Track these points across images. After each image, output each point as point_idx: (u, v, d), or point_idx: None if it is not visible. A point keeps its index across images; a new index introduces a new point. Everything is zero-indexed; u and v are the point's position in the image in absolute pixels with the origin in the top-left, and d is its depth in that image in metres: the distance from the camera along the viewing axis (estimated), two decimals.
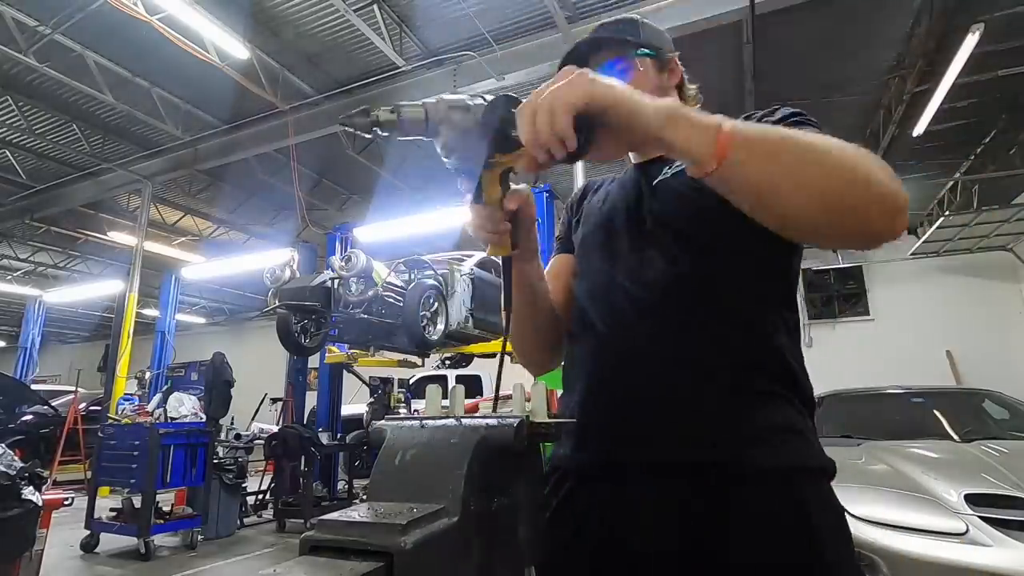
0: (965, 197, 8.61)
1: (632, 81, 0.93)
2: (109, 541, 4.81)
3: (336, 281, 5.16)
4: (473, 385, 10.54)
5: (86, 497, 4.91)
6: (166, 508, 4.93)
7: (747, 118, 0.83)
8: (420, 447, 0.55)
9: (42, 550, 2.99)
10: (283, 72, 6.63)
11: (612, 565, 0.76)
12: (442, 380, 10.38)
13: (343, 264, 5.10)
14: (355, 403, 7.97)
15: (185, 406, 5.62)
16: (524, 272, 0.85)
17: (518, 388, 0.65)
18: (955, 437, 3.61)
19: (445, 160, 0.66)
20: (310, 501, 5.49)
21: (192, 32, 5.56)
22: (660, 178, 0.90)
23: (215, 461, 5.21)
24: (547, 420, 0.60)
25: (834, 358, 11.31)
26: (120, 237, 10.20)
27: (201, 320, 18.18)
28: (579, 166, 5.60)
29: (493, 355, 6.67)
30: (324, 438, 6.33)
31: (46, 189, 9.59)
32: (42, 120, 7.77)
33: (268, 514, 6.13)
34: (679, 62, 1.03)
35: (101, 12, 5.51)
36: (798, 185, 0.59)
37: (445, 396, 0.67)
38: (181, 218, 11.04)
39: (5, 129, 7.90)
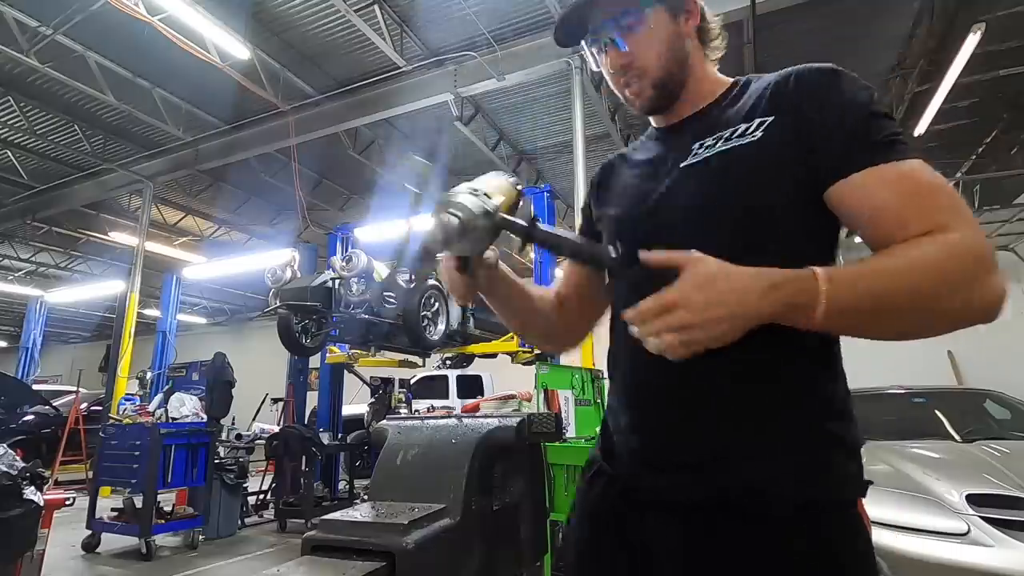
0: (966, 197, 8.57)
1: (642, 37, 0.85)
2: (110, 541, 4.81)
3: (337, 281, 5.16)
4: (474, 385, 10.54)
5: (87, 497, 4.90)
6: (167, 508, 4.92)
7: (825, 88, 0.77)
8: (421, 447, 0.55)
9: (43, 550, 3.00)
10: (284, 72, 6.64)
11: None
12: (443, 380, 10.39)
13: (344, 264, 5.10)
14: (356, 403, 7.97)
15: (186, 406, 5.61)
16: (496, 295, 0.93)
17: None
18: (956, 437, 3.60)
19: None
20: (311, 501, 5.49)
21: (193, 32, 5.56)
22: (687, 162, 0.83)
23: (216, 461, 5.20)
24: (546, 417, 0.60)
25: None
26: (121, 237, 10.21)
27: (202, 320, 18.19)
28: (579, 168, 5.60)
29: (494, 355, 6.67)
30: (325, 438, 6.32)
31: (47, 189, 9.60)
32: (43, 121, 7.78)
33: (269, 514, 6.13)
34: None
35: (102, 13, 5.52)
36: (902, 331, 0.66)
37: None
38: (182, 218, 11.05)
39: (6, 130, 7.91)
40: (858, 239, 0.70)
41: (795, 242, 0.74)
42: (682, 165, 0.82)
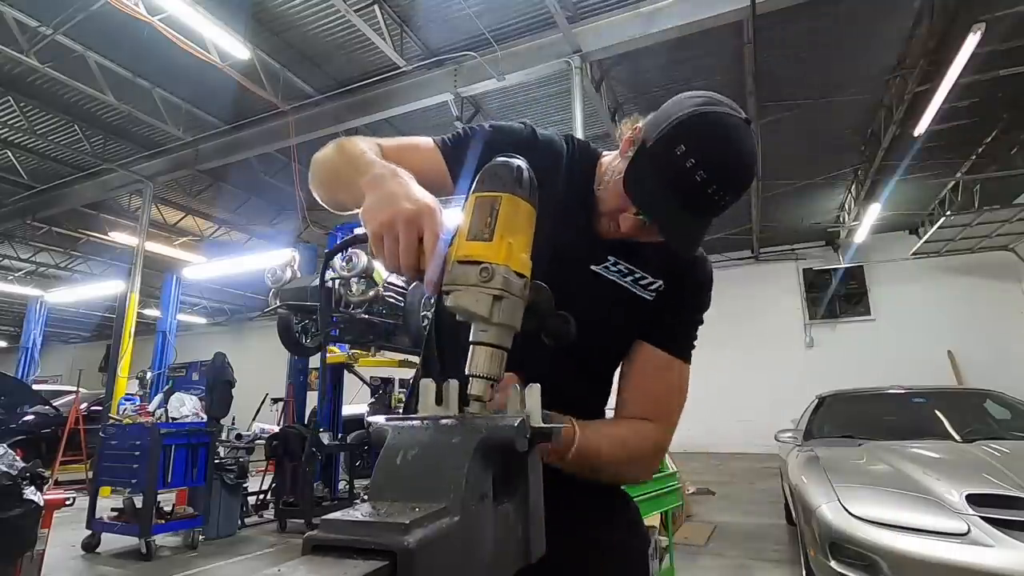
0: (966, 197, 8.60)
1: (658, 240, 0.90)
2: (110, 541, 4.81)
3: (337, 281, 5.16)
4: None
5: (87, 497, 4.91)
6: (167, 508, 4.93)
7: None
8: (421, 447, 0.55)
9: (43, 550, 3.00)
10: (284, 72, 6.64)
11: None
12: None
13: (344, 264, 5.11)
14: (356, 403, 7.97)
15: (186, 406, 5.62)
16: None
17: (514, 390, 0.65)
18: (956, 437, 3.61)
19: None
20: (311, 501, 5.49)
21: (193, 32, 5.56)
22: (597, 269, 0.93)
23: (216, 461, 5.20)
24: (543, 424, 0.60)
25: (835, 358, 11.32)
26: (121, 237, 10.21)
27: (202, 320, 18.20)
28: None
29: None
30: (325, 438, 6.32)
31: (47, 189, 9.61)
32: (43, 121, 7.78)
33: (269, 514, 6.13)
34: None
35: (102, 13, 5.52)
36: (602, 480, 0.92)
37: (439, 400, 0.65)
38: (182, 218, 11.06)
39: (7, 130, 7.91)
40: (856, 238, 0.72)
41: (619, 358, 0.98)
42: (593, 268, 0.93)
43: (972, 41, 5.10)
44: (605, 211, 0.91)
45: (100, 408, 8.05)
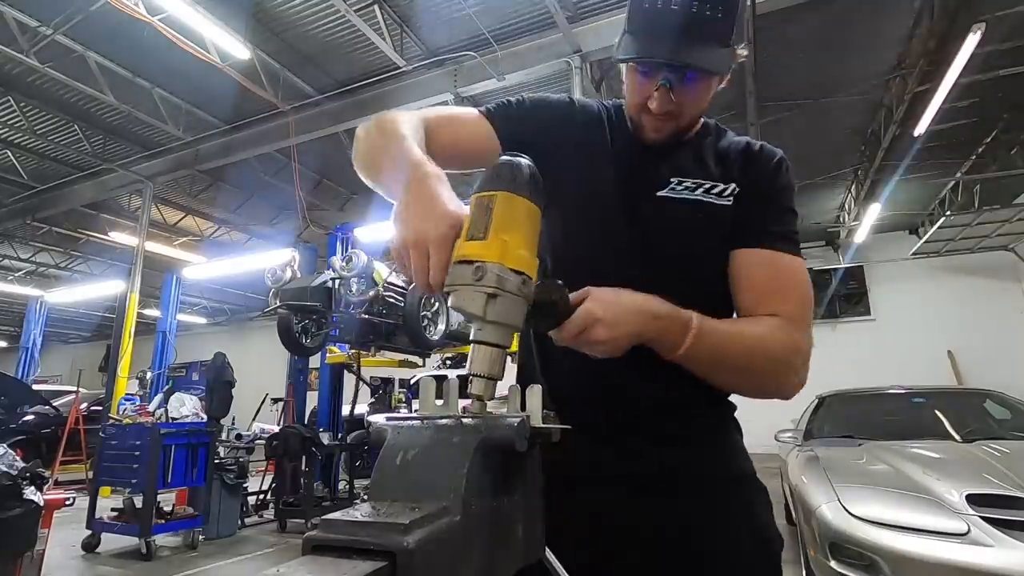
0: (966, 197, 8.60)
1: (697, 94, 0.89)
2: (110, 541, 4.81)
3: (337, 281, 5.16)
4: None
5: (87, 497, 4.91)
6: (167, 508, 4.93)
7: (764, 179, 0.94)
8: (421, 447, 0.55)
9: (43, 550, 3.00)
10: (284, 72, 6.64)
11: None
12: (443, 380, 10.38)
13: (344, 264, 5.11)
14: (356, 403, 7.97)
15: (186, 406, 5.61)
16: None
17: (514, 390, 0.64)
18: (956, 437, 3.61)
19: None
20: (311, 501, 5.49)
21: (193, 32, 5.56)
22: (664, 193, 0.91)
23: (216, 461, 5.20)
24: (544, 425, 0.60)
25: (835, 358, 11.30)
26: (121, 237, 10.21)
27: (202, 320, 18.19)
28: None
29: None
30: (325, 438, 6.32)
31: (47, 189, 9.61)
32: (43, 121, 7.78)
33: (269, 514, 6.13)
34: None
35: (102, 13, 5.52)
36: (727, 384, 0.87)
37: (440, 395, 0.66)
38: (182, 218, 11.05)
39: (6, 129, 7.91)
40: (856, 238, 0.73)
41: (723, 281, 0.91)
42: (659, 194, 0.92)
43: (972, 41, 5.09)
44: (635, 115, 0.93)
45: (100, 408, 8.04)
